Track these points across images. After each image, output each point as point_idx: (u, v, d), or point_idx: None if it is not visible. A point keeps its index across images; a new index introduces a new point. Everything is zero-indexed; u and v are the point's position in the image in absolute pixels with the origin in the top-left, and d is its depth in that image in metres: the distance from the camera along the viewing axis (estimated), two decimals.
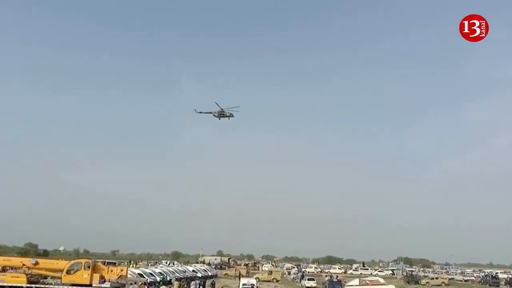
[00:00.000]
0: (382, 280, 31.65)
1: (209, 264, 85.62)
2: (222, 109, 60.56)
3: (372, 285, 28.85)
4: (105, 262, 47.08)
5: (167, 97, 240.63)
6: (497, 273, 79.62)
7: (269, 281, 60.17)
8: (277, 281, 61.08)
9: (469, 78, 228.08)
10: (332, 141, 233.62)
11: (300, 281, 58.96)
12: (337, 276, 60.53)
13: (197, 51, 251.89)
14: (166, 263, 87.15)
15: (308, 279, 54.88)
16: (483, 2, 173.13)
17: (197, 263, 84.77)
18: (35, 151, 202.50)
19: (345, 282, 51.13)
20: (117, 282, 30.48)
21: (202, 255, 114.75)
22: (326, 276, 63.38)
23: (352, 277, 61.95)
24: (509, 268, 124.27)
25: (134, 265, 70.02)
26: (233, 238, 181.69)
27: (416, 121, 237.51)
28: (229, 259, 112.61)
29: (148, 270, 47.88)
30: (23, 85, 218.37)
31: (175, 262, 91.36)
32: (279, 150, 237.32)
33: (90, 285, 29.61)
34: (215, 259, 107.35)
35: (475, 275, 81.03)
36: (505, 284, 64.57)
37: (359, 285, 29.01)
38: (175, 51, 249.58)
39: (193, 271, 57.41)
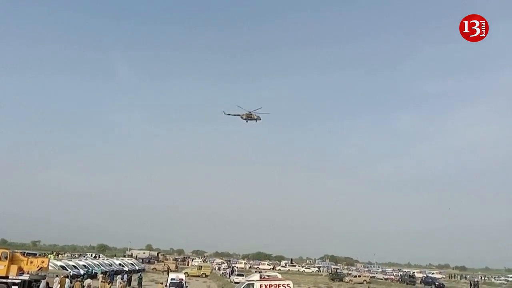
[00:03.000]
0: (279, 276, 33.76)
1: (136, 258, 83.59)
2: (249, 112, 61.09)
3: (271, 280, 30.24)
4: (24, 253, 44.59)
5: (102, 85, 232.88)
6: (414, 272, 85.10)
7: (198, 276, 59.84)
8: (206, 276, 60.90)
9: (402, 86, 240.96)
10: (263, 140, 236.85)
11: (230, 276, 59.22)
12: (265, 272, 61.57)
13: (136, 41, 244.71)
14: (91, 255, 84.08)
15: (238, 275, 55.38)
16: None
17: (125, 256, 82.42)
18: None
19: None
20: (37, 274, 28.75)
21: (130, 249, 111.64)
22: (255, 271, 64.14)
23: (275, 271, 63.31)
24: (425, 268, 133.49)
25: (56, 257, 66.72)
26: (163, 233, 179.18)
27: (347, 124, 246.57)
28: (158, 253, 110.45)
29: (71, 263, 45.80)
30: None
31: (101, 255, 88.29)
32: (206, 146, 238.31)
33: (7, 277, 27.75)
34: (144, 253, 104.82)
35: (394, 274, 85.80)
36: (420, 283, 69.02)
37: (259, 280, 30.20)
38: (113, 39, 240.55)
39: (120, 264, 55.73)
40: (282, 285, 29.39)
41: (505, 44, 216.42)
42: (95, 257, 78.30)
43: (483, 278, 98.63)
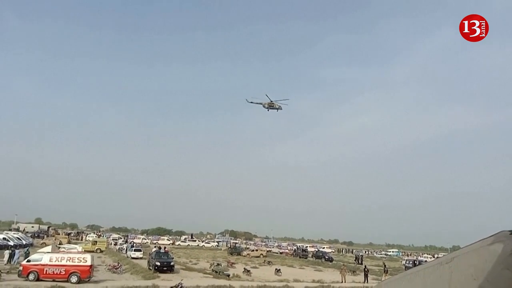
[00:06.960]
0: (79, 248, 33.29)
1: (24, 232, 77.90)
2: (271, 101, 62.40)
3: (64, 253, 29.77)
4: None
5: None
6: (307, 247, 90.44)
7: (93, 251, 57.13)
8: (102, 251, 58.84)
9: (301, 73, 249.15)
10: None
11: (126, 251, 57.76)
12: (165, 247, 61.00)
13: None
14: None
15: (135, 250, 54.27)
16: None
17: (10, 230, 76.31)
18: None
19: (171, 253, 51.88)
20: None
21: (17, 222, 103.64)
22: (154, 247, 63.32)
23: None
24: (317, 243, 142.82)
25: None
26: (55, 205, 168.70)
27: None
28: (48, 227, 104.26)
29: None
30: None
31: None
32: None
33: None
34: (33, 227, 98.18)
35: (289, 248, 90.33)
36: (312, 256, 73.53)
37: (51, 252, 29.61)
38: None
39: (4, 239, 51.61)
40: (77, 259, 28.66)
41: (399, 41, 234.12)
42: None
43: (367, 252, 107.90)
